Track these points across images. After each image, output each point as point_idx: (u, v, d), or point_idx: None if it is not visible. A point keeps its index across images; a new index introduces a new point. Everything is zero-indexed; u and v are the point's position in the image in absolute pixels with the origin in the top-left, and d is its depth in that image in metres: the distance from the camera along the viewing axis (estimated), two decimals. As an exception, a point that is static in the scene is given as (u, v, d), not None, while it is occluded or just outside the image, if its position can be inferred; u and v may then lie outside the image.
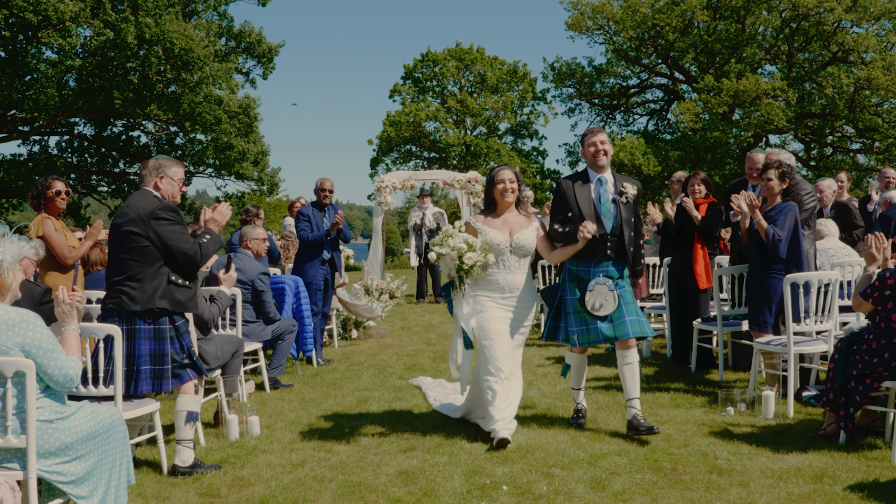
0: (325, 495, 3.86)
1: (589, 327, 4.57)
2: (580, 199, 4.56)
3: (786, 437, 4.63)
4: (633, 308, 4.57)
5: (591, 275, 4.57)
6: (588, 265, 4.59)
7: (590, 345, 4.61)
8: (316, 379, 6.69)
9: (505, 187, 4.64)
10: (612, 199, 4.57)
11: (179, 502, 3.82)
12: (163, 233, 4.04)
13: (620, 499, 3.70)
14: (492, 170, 4.77)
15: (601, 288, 4.52)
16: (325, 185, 7.10)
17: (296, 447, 4.68)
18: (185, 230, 4.13)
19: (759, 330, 5.36)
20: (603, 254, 4.55)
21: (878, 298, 4.20)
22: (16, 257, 3.29)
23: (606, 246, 4.55)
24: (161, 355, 4.16)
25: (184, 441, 4.27)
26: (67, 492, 3.28)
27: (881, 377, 4.25)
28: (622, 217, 4.55)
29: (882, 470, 4.03)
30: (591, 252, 4.54)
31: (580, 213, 4.53)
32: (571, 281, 4.66)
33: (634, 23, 28.85)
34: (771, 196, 5.42)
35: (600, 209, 4.54)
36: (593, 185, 4.60)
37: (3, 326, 3.11)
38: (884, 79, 25.59)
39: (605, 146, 4.55)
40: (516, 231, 4.63)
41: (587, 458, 4.31)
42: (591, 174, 4.63)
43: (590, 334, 4.57)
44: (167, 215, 4.06)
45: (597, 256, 4.56)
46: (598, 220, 4.52)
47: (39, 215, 5.68)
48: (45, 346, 3.15)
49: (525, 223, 4.68)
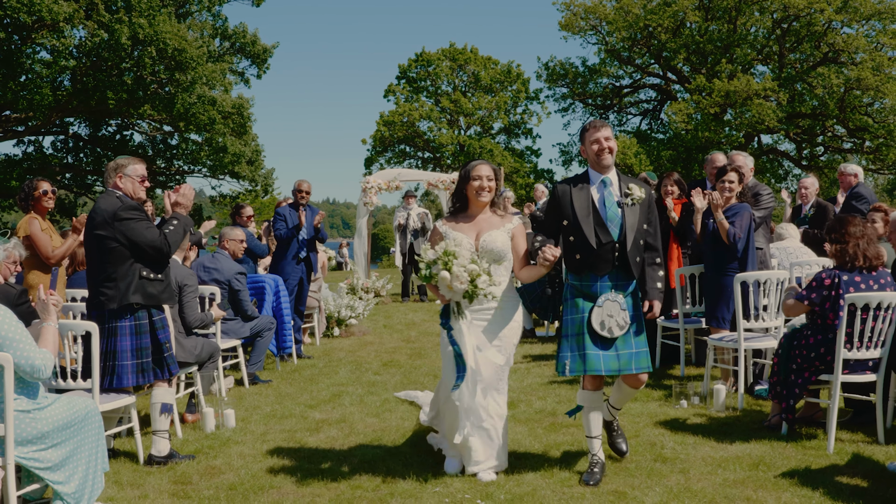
0: (290, 482, 4.10)
1: (586, 353, 3.82)
2: (577, 203, 3.87)
3: (733, 428, 4.87)
4: (640, 337, 3.93)
5: (597, 290, 3.88)
6: (592, 279, 3.89)
7: (585, 373, 3.86)
8: (294, 374, 6.93)
9: (482, 185, 3.97)
10: (617, 202, 3.90)
11: (153, 489, 4.04)
12: (127, 231, 4.26)
13: (566, 484, 3.94)
14: (466, 163, 4.09)
15: (612, 305, 3.83)
16: (301, 187, 7.38)
17: (267, 438, 4.92)
18: (149, 224, 4.33)
19: (717, 326, 5.60)
20: (609, 265, 3.86)
21: (814, 299, 4.43)
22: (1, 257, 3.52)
23: (613, 256, 3.85)
24: (142, 349, 4.39)
25: (159, 432, 4.50)
26: (44, 477, 3.50)
27: (818, 370, 4.49)
28: (626, 222, 3.87)
29: (816, 458, 4.27)
30: (595, 262, 3.86)
31: (576, 221, 3.85)
32: (574, 297, 3.93)
33: (627, 23, 29.07)
34: (730, 196, 5.65)
35: (605, 214, 3.87)
36: (595, 188, 3.92)
37: None
38: (873, 79, 25.82)
39: (611, 143, 3.89)
40: (484, 232, 3.97)
41: (542, 448, 4.55)
42: (593, 175, 3.94)
43: (587, 361, 3.81)
44: (128, 214, 4.27)
45: (602, 268, 3.87)
46: (601, 226, 3.86)
47: (27, 215, 5.91)
48: (11, 337, 3.36)
49: (497, 224, 4.01)
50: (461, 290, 3.75)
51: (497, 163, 30.32)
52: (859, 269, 4.36)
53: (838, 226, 4.40)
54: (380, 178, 11.82)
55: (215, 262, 6.33)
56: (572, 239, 3.89)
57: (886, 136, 27.29)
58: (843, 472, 4.08)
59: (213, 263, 6.31)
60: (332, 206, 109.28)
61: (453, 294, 3.84)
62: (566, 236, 3.92)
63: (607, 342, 3.85)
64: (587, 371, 3.82)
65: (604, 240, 3.85)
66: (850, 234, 4.33)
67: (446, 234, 4.00)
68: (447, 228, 4.03)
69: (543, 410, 5.41)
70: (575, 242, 3.88)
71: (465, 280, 3.72)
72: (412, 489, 3.90)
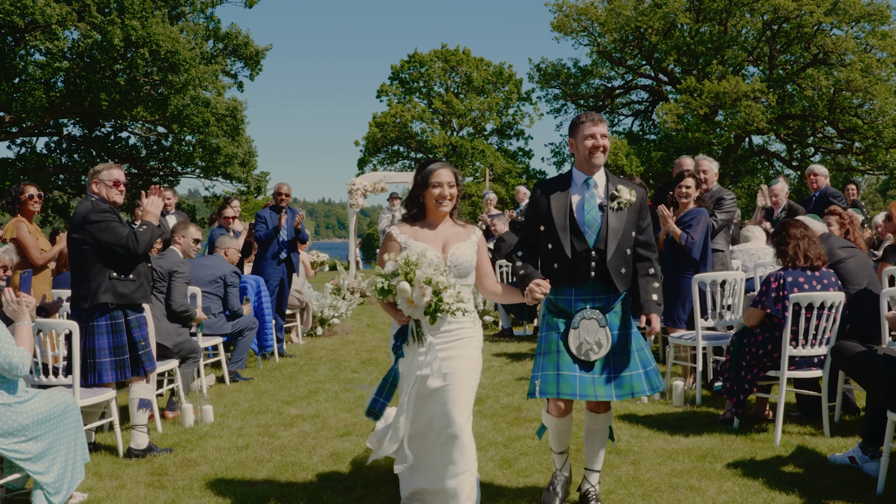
0: (262, 473, 4.31)
1: (560, 373, 3.42)
2: (555, 208, 3.48)
3: (688, 422, 5.09)
4: (626, 358, 3.47)
5: (572, 305, 3.49)
6: (568, 292, 3.50)
7: (558, 396, 3.44)
8: (274, 372, 7.14)
9: (442, 193, 3.42)
10: (600, 204, 3.48)
11: (130, 480, 4.25)
12: (96, 233, 4.48)
13: (522, 475, 4.16)
14: (423, 166, 3.49)
15: (589, 324, 3.42)
16: (281, 189, 7.62)
17: (243, 433, 5.13)
18: (117, 226, 4.53)
19: (674, 325, 5.83)
20: (585, 276, 3.45)
21: (766, 303, 4.65)
22: None
23: (590, 266, 3.45)
24: (120, 347, 4.62)
25: (138, 426, 4.71)
26: (25, 468, 3.71)
27: (766, 367, 4.72)
28: (608, 227, 3.44)
29: (762, 450, 4.49)
30: (570, 273, 3.46)
31: (552, 227, 3.48)
32: (551, 313, 3.54)
33: (618, 25, 29.31)
34: (687, 202, 5.87)
35: (582, 218, 3.46)
36: (577, 189, 3.52)
37: None
38: (862, 81, 26.09)
39: (606, 141, 3.46)
40: (451, 245, 3.44)
41: (503, 441, 4.76)
42: (577, 175, 3.54)
43: (560, 383, 3.40)
44: (97, 217, 4.50)
45: (578, 279, 3.46)
46: (576, 233, 3.46)
47: (14, 219, 6.12)
48: None
49: (462, 235, 3.49)
50: (424, 303, 3.16)
51: (489, 163, 30.62)
52: (802, 269, 4.60)
53: (781, 229, 4.64)
54: (365, 181, 12.04)
55: (212, 261, 6.71)
56: (550, 247, 3.50)
57: (875, 137, 27.54)
58: (785, 462, 4.31)
59: (210, 262, 6.67)
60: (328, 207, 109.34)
61: (413, 310, 3.24)
62: (544, 243, 3.53)
63: (587, 364, 3.43)
64: (560, 394, 3.40)
65: (579, 248, 3.44)
66: (790, 235, 4.57)
67: (407, 244, 3.40)
68: (407, 238, 3.42)
69: (510, 406, 5.63)
70: (552, 251, 3.50)
71: (429, 293, 3.13)
72: (375, 479, 4.12)
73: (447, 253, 3.42)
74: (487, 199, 11.63)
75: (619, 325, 3.50)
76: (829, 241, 5.02)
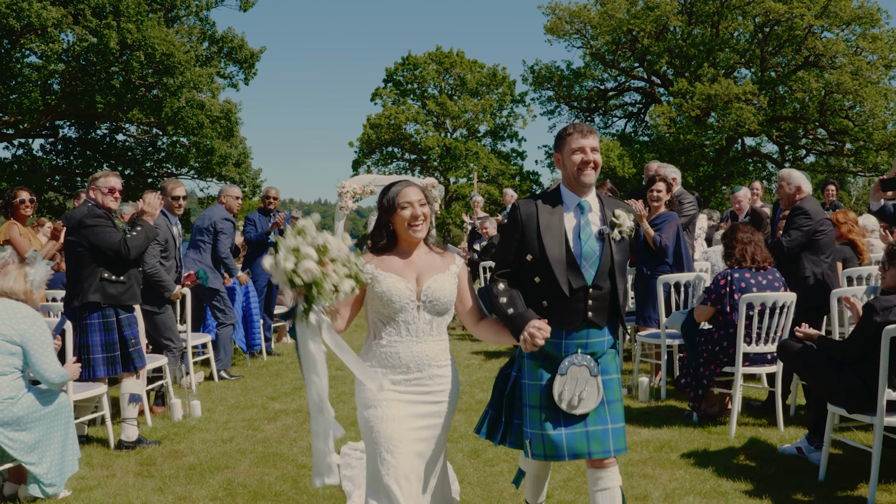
0: (244, 463, 4.57)
1: (547, 434, 2.92)
2: (547, 235, 2.92)
3: (651, 416, 5.36)
4: (619, 407, 3.00)
5: (561, 349, 2.96)
6: (557, 334, 2.96)
7: (548, 459, 2.99)
8: (262, 370, 7.40)
9: (414, 213, 2.85)
10: (598, 232, 2.97)
11: (120, 469, 4.51)
12: (91, 236, 4.77)
13: (489, 464, 4.43)
14: (385, 189, 2.94)
15: (579, 371, 2.92)
16: (269, 193, 7.91)
17: (229, 426, 5.39)
18: (111, 230, 4.83)
19: (645, 324, 6.10)
20: (581, 317, 2.94)
21: (715, 300, 4.95)
22: (43, 279, 4.19)
23: (587, 305, 2.94)
24: (111, 344, 4.90)
25: (128, 419, 4.97)
26: (18, 458, 3.96)
27: (722, 363, 4.99)
28: (613, 260, 2.95)
29: (717, 441, 4.77)
30: (562, 314, 2.94)
31: (544, 258, 2.91)
32: (532, 357, 3.01)
33: (611, 27, 29.61)
34: (658, 205, 6.14)
35: (579, 249, 2.93)
36: (569, 214, 2.98)
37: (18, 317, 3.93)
38: (852, 83, 26.42)
39: (596, 156, 2.96)
40: (427, 276, 2.88)
41: (474, 434, 5.01)
42: (568, 197, 3.00)
43: (546, 444, 2.92)
44: (91, 221, 4.78)
45: (572, 321, 2.95)
46: (573, 267, 2.92)
47: (7, 222, 6.40)
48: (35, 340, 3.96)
49: (439, 265, 2.93)
50: (288, 269, 2.55)
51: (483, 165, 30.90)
52: (748, 268, 4.94)
53: (729, 233, 4.98)
54: (355, 183, 12.28)
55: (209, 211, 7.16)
56: (537, 280, 2.94)
57: (866, 138, 27.86)
58: (737, 453, 4.58)
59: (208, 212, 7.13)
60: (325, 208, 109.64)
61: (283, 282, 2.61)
62: (529, 275, 2.97)
63: (573, 417, 2.93)
64: (547, 457, 2.95)
65: (575, 284, 2.91)
66: (738, 239, 4.91)
67: (374, 275, 2.82)
68: (374, 269, 2.84)
69: (483, 401, 5.88)
70: (541, 286, 2.93)
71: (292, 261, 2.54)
72: (350, 468, 4.38)
73: (422, 286, 2.84)
74: (474, 201, 11.90)
75: (608, 368, 2.99)
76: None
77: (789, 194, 5.40)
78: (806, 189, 5.39)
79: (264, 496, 4.03)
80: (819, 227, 5.22)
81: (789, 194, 5.40)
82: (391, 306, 2.80)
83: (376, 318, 2.88)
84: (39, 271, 4.16)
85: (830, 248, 5.36)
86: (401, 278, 2.84)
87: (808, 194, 5.39)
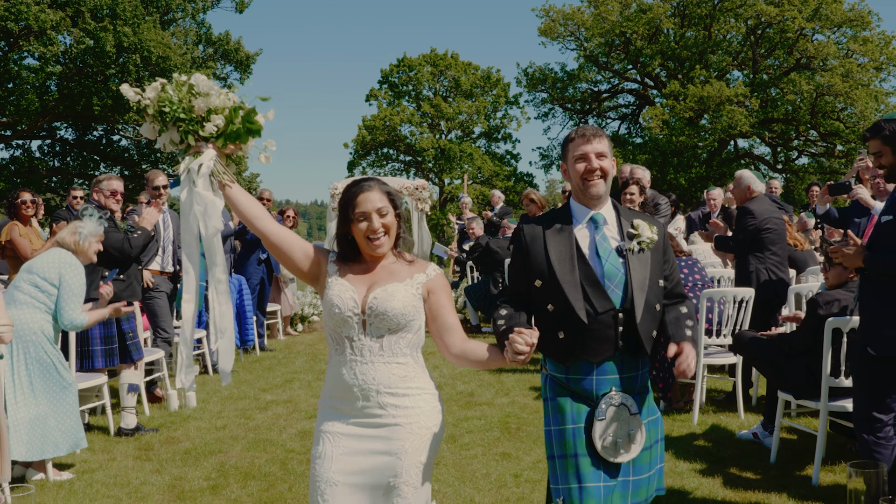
0: (236, 448, 4.88)
1: (583, 486, 2.48)
2: (555, 254, 2.55)
3: (621, 405, 5.68)
4: (661, 447, 2.65)
5: (592, 386, 2.53)
6: (586, 369, 2.53)
7: None
8: (255, 364, 7.71)
9: (371, 227, 2.39)
10: (618, 248, 2.57)
11: (120, 454, 4.82)
12: None
13: (465, 448, 4.74)
14: (345, 191, 2.46)
15: (620, 413, 2.49)
16: (263, 195, 8.22)
17: (222, 415, 5.69)
18: (113, 231, 5.17)
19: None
20: (611, 346, 2.50)
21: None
22: (92, 233, 4.56)
23: (616, 332, 2.50)
24: (110, 337, 5.21)
25: (127, 408, 5.28)
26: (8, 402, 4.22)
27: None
28: (633, 279, 2.52)
29: (680, 428, 5.09)
30: (587, 343, 2.50)
31: (554, 280, 2.52)
32: (558, 395, 2.57)
33: (604, 30, 29.95)
34: (631, 209, 6.46)
35: (601, 269, 2.53)
36: (581, 229, 2.60)
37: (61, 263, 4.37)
38: (843, 85, 26.78)
39: (604, 163, 2.56)
40: (378, 286, 2.41)
41: (453, 421, 5.34)
42: (578, 210, 2.63)
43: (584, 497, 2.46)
44: None
45: (600, 351, 2.51)
46: (596, 287, 2.51)
47: (10, 222, 6.70)
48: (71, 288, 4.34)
49: (399, 274, 2.45)
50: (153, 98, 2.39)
51: (477, 167, 31.28)
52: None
53: None
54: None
55: None
56: (551, 308, 2.54)
57: (857, 140, 28.21)
58: (697, 438, 4.91)
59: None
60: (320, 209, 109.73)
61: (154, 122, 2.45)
62: (541, 304, 2.57)
63: (614, 466, 2.50)
64: None
65: (600, 308, 2.49)
66: None
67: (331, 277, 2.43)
68: (335, 270, 2.46)
69: (464, 392, 6.21)
70: (555, 313, 2.53)
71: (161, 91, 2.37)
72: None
73: (368, 296, 2.37)
74: (463, 202, 12.16)
75: (645, 404, 2.58)
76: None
77: (740, 194, 5.59)
78: (756, 189, 5.54)
79: (254, 476, 4.34)
80: (764, 226, 5.44)
81: (740, 194, 5.59)
82: (334, 317, 2.37)
83: (328, 332, 2.45)
84: (88, 226, 4.55)
85: (778, 244, 5.53)
86: (350, 286, 2.40)
87: (760, 194, 5.54)
